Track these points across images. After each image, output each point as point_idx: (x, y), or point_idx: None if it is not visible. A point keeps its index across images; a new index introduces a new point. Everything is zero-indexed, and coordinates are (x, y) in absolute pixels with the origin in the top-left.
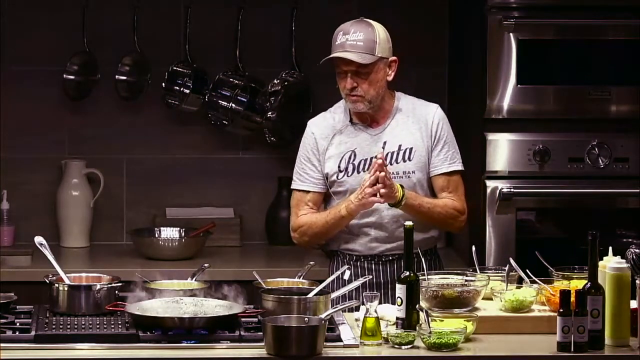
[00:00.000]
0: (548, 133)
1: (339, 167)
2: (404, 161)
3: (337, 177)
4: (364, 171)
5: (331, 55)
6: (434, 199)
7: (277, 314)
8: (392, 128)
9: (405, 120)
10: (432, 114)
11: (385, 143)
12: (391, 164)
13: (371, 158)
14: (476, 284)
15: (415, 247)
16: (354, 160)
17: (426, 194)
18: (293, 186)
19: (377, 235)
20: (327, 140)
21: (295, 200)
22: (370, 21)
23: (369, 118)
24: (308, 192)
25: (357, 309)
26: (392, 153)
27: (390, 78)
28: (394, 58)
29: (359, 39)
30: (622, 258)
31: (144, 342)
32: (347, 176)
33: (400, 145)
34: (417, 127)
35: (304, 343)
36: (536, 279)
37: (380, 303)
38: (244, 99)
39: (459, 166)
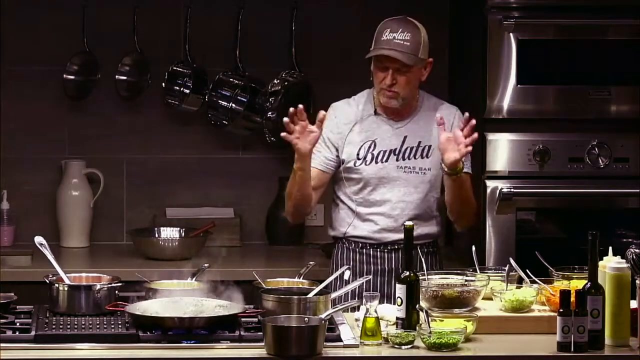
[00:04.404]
0: (548, 133)
1: (357, 154)
2: (422, 158)
3: (354, 164)
4: (381, 162)
5: (379, 52)
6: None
7: (277, 314)
8: (414, 123)
9: (427, 118)
10: (454, 115)
11: (405, 137)
12: (409, 159)
13: (390, 150)
14: (476, 284)
15: (424, 238)
16: (373, 150)
17: (438, 191)
18: None
19: (386, 225)
20: (348, 127)
21: None
22: (415, 22)
23: (393, 111)
24: (315, 168)
25: (357, 309)
26: (412, 148)
27: (424, 78)
28: (430, 59)
29: (407, 39)
30: (622, 258)
31: (144, 342)
32: (365, 165)
33: (420, 142)
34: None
35: (304, 343)
36: (536, 279)
37: (384, 291)
38: (244, 99)
39: (469, 169)
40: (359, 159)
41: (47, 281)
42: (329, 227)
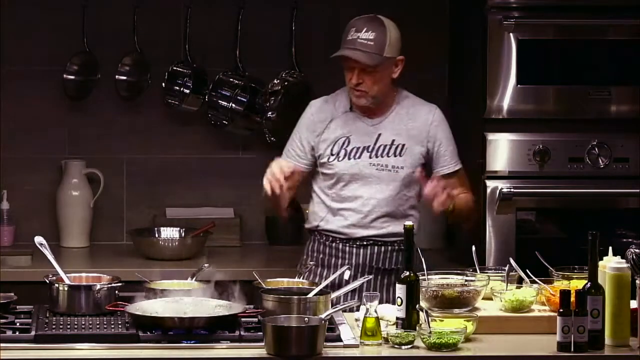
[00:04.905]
0: (548, 133)
1: (331, 150)
2: (395, 156)
3: (328, 159)
4: (354, 158)
5: (340, 53)
6: (466, 194)
7: (277, 314)
8: (389, 122)
9: (403, 116)
10: (432, 114)
11: (379, 135)
12: (382, 157)
13: (363, 147)
14: (476, 284)
15: (394, 236)
16: (347, 146)
17: (413, 190)
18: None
19: (356, 221)
20: (324, 124)
21: None
22: (384, 19)
23: (367, 108)
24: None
25: (357, 308)
26: (385, 146)
27: (395, 76)
28: (401, 57)
29: (370, 39)
30: (622, 258)
31: (144, 342)
32: (338, 160)
33: (393, 140)
34: (414, 126)
35: (304, 343)
36: (536, 279)
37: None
38: (244, 99)
39: (460, 163)
40: (332, 154)
41: (47, 281)
42: (306, 219)
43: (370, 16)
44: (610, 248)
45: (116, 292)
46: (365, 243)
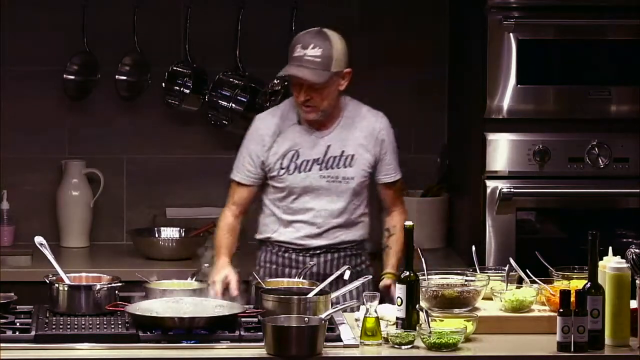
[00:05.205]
0: (548, 133)
1: (281, 164)
2: (345, 167)
3: (278, 173)
4: (304, 171)
5: (287, 72)
6: (397, 240)
7: (277, 314)
8: (337, 133)
9: (350, 126)
10: (379, 122)
11: (329, 147)
12: (332, 168)
13: (313, 159)
14: (476, 284)
15: (346, 244)
16: (296, 159)
17: (362, 197)
18: (231, 174)
19: (309, 232)
20: (272, 138)
21: (230, 189)
22: (330, 34)
23: (317, 121)
24: (238, 184)
25: (358, 308)
26: (335, 157)
27: (342, 88)
28: (348, 70)
29: (317, 55)
30: (622, 258)
31: (144, 342)
32: (288, 174)
33: (343, 152)
34: (362, 135)
35: (304, 343)
36: (536, 279)
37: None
38: (244, 99)
39: (400, 174)
40: (282, 168)
41: (47, 281)
42: (257, 229)
43: (316, 30)
44: (610, 248)
45: (116, 292)
46: (318, 252)
